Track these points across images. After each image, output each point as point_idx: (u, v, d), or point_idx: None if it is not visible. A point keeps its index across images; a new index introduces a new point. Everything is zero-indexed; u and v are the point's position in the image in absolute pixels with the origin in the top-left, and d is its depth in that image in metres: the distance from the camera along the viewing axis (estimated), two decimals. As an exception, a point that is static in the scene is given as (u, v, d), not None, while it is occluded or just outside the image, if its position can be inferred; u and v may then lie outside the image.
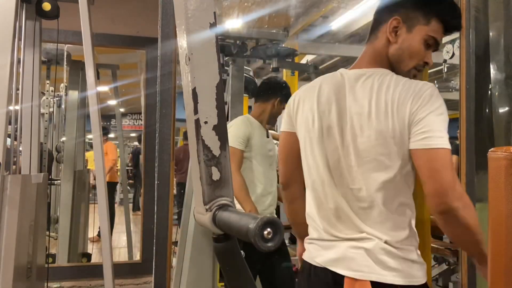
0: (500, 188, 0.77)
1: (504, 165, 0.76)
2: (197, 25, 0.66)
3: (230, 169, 0.68)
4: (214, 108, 0.66)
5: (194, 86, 0.65)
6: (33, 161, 2.60)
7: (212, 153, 0.65)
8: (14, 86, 2.30)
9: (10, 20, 2.24)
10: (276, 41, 3.32)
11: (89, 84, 2.34)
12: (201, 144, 0.65)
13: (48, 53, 4.18)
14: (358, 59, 1.31)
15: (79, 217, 4.46)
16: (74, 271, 3.87)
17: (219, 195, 0.65)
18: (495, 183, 0.78)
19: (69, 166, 4.37)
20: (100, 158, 2.29)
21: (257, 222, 0.57)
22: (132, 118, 14.53)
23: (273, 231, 0.58)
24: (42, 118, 4.36)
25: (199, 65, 0.65)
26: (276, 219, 0.60)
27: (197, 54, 0.65)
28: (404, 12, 1.21)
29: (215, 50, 0.67)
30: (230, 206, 0.65)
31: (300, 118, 1.31)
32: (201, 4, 0.66)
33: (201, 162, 0.65)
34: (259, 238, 0.58)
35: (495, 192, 0.78)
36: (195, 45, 0.66)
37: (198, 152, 0.65)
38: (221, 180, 0.65)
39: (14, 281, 2.12)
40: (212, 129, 0.65)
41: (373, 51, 1.26)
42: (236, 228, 0.61)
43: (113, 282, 2.24)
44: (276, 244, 0.59)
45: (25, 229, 2.26)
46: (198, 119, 0.65)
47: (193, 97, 0.65)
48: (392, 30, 1.22)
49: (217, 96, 0.66)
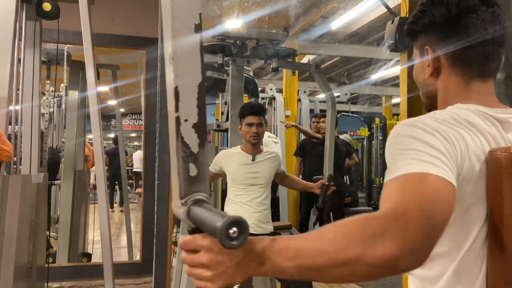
0: (500, 188, 0.77)
1: (504, 165, 0.76)
2: (182, 26, 0.68)
3: (208, 166, 0.71)
4: (195, 107, 0.68)
5: (176, 85, 0.67)
6: (33, 161, 2.61)
7: (190, 150, 0.67)
8: (14, 86, 2.30)
9: (10, 21, 2.24)
10: (276, 41, 3.32)
11: (89, 84, 2.35)
12: (180, 141, 0.67)
13: (48, 53, 4.19)
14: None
15: (79, 217, 4.46)
16: (74, 271, 3.87)
17: (195, 191, 0.68)
18: (495, 183, 0.78)
19: (69, 166, 4.37)
20: (100, 158, 2.30)
21: (224, 221, 0.60)
22: (132, 118, 14.54)
23: (238, 231, 0.61)
24: (42, 118, 4.36)
25: (182, 65, 0.67)
26: (243, 219, 0.62)
27: (180, 54, 0.67)
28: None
29: (199, 51, 0.69)
30: (205, 202, 0.68)
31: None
32: (187, 5, 0.68)
33: (179, 158, 0.67)
34: (225, 236, 0.60)
35: (495, 192, 0.78)
36: (179, 45, 0.68)
37: (177, 149, 0.67)
38: (198, 176, 0.68)
39: (14, 280, 2.13)
40: (192, 127, 0.68)
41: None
42: (205, 224, 0.64)
43: (113, 282, 2.24)
44: (241, 243, 0.62)
45: (25, 229, 2.27)
46: (178, 117, 0.67)
47: (175, 95, 0.67)
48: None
49: (199, 96, 0.68)
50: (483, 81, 0.90)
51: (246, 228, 0.62)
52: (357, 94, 12.86)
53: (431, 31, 0.92)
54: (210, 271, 0.67)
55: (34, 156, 2.61)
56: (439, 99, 0.94)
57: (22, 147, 2.57)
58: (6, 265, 2.11)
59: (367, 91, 12.17)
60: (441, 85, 0.93)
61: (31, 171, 2.58)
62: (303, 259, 0.68)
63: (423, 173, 0.71)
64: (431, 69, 0.93)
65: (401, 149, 0.77)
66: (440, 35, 0.91)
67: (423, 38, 0.95)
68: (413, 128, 0.79)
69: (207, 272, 0.68)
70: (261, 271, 0.70)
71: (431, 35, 0.93)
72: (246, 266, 0.68)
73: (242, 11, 5.77)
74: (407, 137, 0.78)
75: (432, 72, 0.93)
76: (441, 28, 0.90)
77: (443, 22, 0.90)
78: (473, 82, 0.90)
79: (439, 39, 0.91)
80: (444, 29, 0.90)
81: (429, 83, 0.95)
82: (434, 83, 0.94)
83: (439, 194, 0.70)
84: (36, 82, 2.59)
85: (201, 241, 0.68)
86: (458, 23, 0.89)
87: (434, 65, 0.92)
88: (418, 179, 0.71)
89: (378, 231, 0.66)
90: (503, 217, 0.76)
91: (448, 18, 0.89)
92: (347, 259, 0.66)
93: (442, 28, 0.90)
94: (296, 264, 0.68)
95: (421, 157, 0.73)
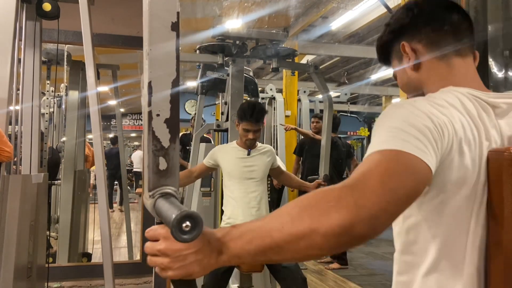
0: (500, 188, 0.77)
1: (504, 165, 0.76)
2: (159, 23, 0.69)
3: (178, 161, 0.72)
4: (168, 102, 0.70)
5: (150, 80, 0.69)
6: (33, 161, 2.61)
7: (161, 144, 0.69)
8: (14, 86, 2.30)
9: (10, 21, 2.24)
10: (276, 41, 3.32)
11: (89, 84, 2.35)
12: (151, 135, 0.69)
13: (48, 53, 4.19)
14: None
15: (79, 217, 4.46)
16: (74, 271, 3.88)
17: (164, 184, 0.70)
18: (495, 183, 0.78)
19: (69, 166, 4.37)
20: (100, 158, 2.30)
21: (177, 215, 0.62)
22: (132, 118, 14.56)
23: (191, 225, 0.63)
24: (42, 118, 4.36)
25: (157, 61, 0.69)
26: (196, 213, 0.63)
27: (155, 50, 0.69)
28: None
29: (175, 48, 0.71)
30: (173, 196, 0.70)
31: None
32: (166, 4, 0.70)
33: (150, 151, 0.69)
34: (177, 229, 0.62)
35: (495, 192, 0.78)
36: (155, 41, 0.69)
37: (148, 142, 0.69)
38: (168, 170, 0.70)
39: (14, 280, 2.13)
40: (164, 122, 0.69)
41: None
42: (164, 216, 0.66)
43: (113, 282, 2.24)
44: (194, 237, 0.63)
45: (25, 229, 2.27)
46: (150, 111, 0.69)
47: (148, 90, 0.69)
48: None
49: (172, 91, 0.70)
50: (462, 57, 0.93)
51: (199, 223, 0.63)
52: (357, 94, 12.86)
53: (401, 32, 0.97)
54: (167, 259, 0.69)
55: (34, 156, 2.61)
56: (427, 88, 0.94)
57: (22, 147, 2.57)
58: (6, 265, 2.11)
59: (367, 91, 12.18)
60: (425, 74, 0.95)
61: (31, 171, 2.59)
62: (262, 239, 0.68)
63: (397, 150, 0.72)
64: (412, 60, 0.95)
65: (385, 126, 0.77)
66: (410, 30, 0.96)
67: (395, 44, 0.98)
68: (403, 109, 0.80)
69: (164, 259, 0.69)
70: (223, 260, 0.70)
71: (401, 36, 0.97)
72: (206, 256, 0.69)
73: (242, 11, 5.77)
74: (396, 116, 0.79)
75: (414, 65, 0.95)
76: (409, 26, 0.96)
77: (410, 21, 0.96)
78: (454, 62, 0.92)
79: (411, 33, 0.96)
80: (412, 24, 0.96)
81: (413, 78, 0.96)
82: (419, 77, 0.95)
83: (406, 169, 0.70)
84: (36, 82, 2.59)
85: (160, 230, 0.70)
86: (422, 17, 0.95)
87: (414, 55, 0.95)
88: (390, 155, 0.72)
89: (332, 200, 0.67)
90: (503, 217, 0.76)
91: (413, 17, 0.96)
92: (303, 231, 0.66)
93: (410, 25, 0.96)
94: (256, 245, 0.68)
95: (402, 135, 0.73)
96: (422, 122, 0.76)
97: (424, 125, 0.75)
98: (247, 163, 2.70)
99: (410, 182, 0.70)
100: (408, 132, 0.74)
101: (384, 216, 0.67)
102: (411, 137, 0.73)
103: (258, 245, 0.68)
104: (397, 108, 0.81)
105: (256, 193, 2.68)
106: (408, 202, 0.71)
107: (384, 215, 0.67)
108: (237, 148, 2.75)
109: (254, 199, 2.67)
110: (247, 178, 2.69)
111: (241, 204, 2.65)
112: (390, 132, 0.75)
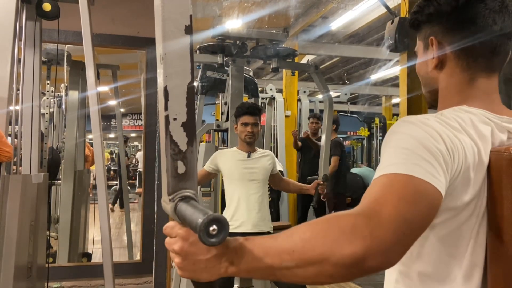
0: (500, 188, 0.77)
1: (504, 165, 0.76)
2: (173, 27, 0.69)
3: (196, 164, 0.72)
4: (184, 106, 0.70)
5: (166, 85, 0.69)
6: (33, 161, 2.61)
7: (179, 148, 0.69)
8: (14, 86, 2.30)
9: (10, 21, 2.24)
10: (276, 42, 3.33)
11: (89, 84, 2.35)
12: (169, 139, 0.69)
13: (48, 53, 4.19)
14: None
15: (79, 217, 4.46)
16: (74, 271, 3.87)
17: (183, 187, 0.70)
18: (495, 183, 0.78)
19: (69, 166, 4.37)
20: (100, 158, 2.30)
21: (204, 219, 0.62)
22: (132, 118, 14.54)
23: (218, 228, 0.63)
24: (42, 118, 4.36)
25: (172, 65, 0.69)
26: (223, 217, 0.63)
27: (170, 55, 0.69)
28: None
29: (189, 52, 0.70)
30: (193, 199, 0.70)
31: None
32: (178, 7, 0.69)
33: (168, 155, 0.69)
34: (204, 233, 0.62)
35: (495, 192, 0.78)
36: (169, 45, 0.69)
37: (166, 146, 0.69)
38: (186, 174, 0.70)
39: (14, 280, 2.13)
40: (181, 126, 0.69)
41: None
42: (188, 220, 0.66)
43: (113, 282, 2.24)
44: (220, 240, 0.63)
45: (25, 229, 2.27)
46: (167, 116, 0.69)
47: (165, 94, 0.69)
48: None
49: (188, 95, 0.70)
50: (488, 77, 0.86)
51: (226, 226, 0.63)
52: (357, 94, 12.86)
53: (437, 21, 0.88)
54: (179, 259, 0.69)
55: (34, 156, 2.61)
56: (441, 94, 0.90)
57: (22, 147, 2.57)
58: (6, 265, 2.11)
59: (367, 91, 12.17)
60: (444, 78, 0.89)
61: (31, 171, 2.59)
62: (272, 258, 0.67)
63: (410, 176, 0.69)
64: (436, 61, 0.88)
65: (396, 146, 0.74)
66: (446, 25, 0.87)
67: (427, 29, 0.90)
68: (414, 127, 0.76)
69: (177, 259, 0.69)
70: (232, 271, 0.69)
71: (436, 25, 0.88)
72: (216, 265, 0.68)
73: (242, 11, 5.77)
74: (406, 135, 0.75)
75: (437, 64, 0.89)
76: (447, 18, 0.86)
77: (450, 12, 0.86)
78: (478, 78, 0.86)
79: (444, 30, 0.87)
80: (451, 19, 0.86)
81: (432, 76, 0.91)
82: (437, 76, 0.90)
83: (420, 198, 0.68)
84: (36, 82, 2.59)
85: (179, 229, 0.70)
86: (465, 13, 0.84)
87: (439, 57, 0.88)
88: (403, 180, 0.69)
89: (347, 229, 0.64)
90: (503, 217, 0.76)
91: (455, 8, 0.85)
92: (313, 258, 0.64)
93: (448, 18, 0.86)
94: (266, 264, 0.67)
95: (413, 159, 0.71)
96: (435, 144, 0.73)
97: (437, 148, 0.72)
98: (248, 165, 2.72)
99: (425, 211, 0.68)
100: (420, 155, 0.71)
101: (400, 249, 0.65)
102: (423, 161, 0.70)
103: (269, 265, 0.67)
104: (409, 125, 0.77)
105: (257, 195, 2.69)
106: (422, 231, 0.69)
107: (399, 248, 0.65)
108: (238, 151, 2.78)
109: (255, 201, 2.68)
110: (248, 180, 2.70)
111: (242, 206, 2.65)
112: (401, 154, 0.72)
